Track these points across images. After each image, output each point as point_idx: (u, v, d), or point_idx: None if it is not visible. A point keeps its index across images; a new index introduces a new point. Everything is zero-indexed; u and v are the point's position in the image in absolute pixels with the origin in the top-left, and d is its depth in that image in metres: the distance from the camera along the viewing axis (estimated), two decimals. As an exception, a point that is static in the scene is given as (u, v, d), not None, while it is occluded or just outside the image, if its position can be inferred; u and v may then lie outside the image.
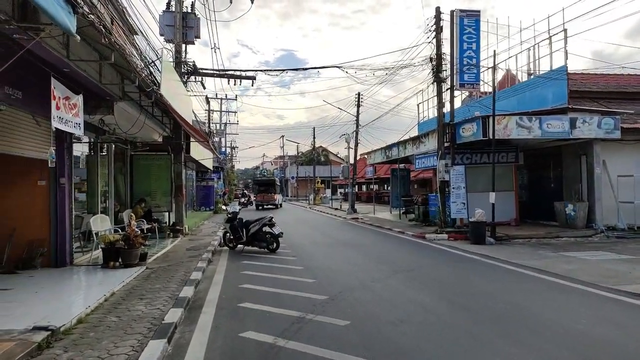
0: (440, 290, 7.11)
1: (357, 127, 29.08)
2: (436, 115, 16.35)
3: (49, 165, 6.48)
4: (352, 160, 30.24)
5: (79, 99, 7.13)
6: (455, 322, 5.40)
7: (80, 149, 10.25)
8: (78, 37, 4.89)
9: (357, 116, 28.99)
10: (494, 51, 13.55)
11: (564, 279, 7.81)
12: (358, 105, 28.88)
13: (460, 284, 7.83)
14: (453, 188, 14.81)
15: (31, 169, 8.18)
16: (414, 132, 22.20)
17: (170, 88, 9.77)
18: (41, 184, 8.31)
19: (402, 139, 20.83)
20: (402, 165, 23.59)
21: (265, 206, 34.22)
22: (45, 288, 6.69)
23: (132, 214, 10.95)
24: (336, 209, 31.90)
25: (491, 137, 13.15)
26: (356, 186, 34.94)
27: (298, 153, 65.67)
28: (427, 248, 12.29)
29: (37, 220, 8.30)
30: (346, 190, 45.24)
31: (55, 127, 6.27)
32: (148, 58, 9.56)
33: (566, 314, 5.72)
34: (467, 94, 20.31)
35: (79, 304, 5.82)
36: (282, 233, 11.44)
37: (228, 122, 41.38)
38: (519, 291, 7.06)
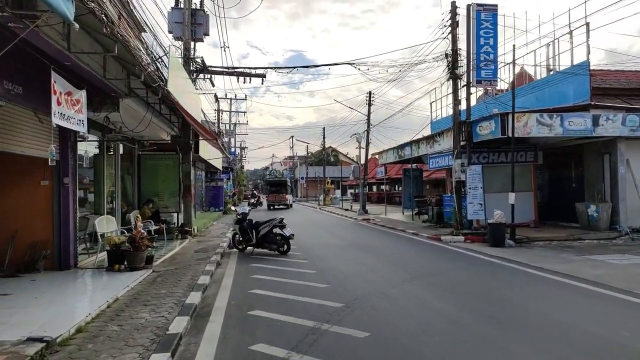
0: (462, 297, 6.66)
1: (368, 126, 28.60)
2: (450, 113, 15.87)
3: (49, 164, 6.16)
4: (363, 160, 29.81)
5: (82, 95, 6.80)
6: (481, 333, 4.94)
7: (84, 148, 9.96)
8: (77, 25, 4.56)
9: (368, 115, 28.50)
10: (513, 45, 13.02)
11: (593, 285, 7.32)
12: (369, 105, 28.38)
13: (482, 290, 7.37)
14: (469, 188, 14.28)
15: (34, 168, 7.86)
16: (427, 132, 21.65)
17: (178, 85, 9.43)
18: (44, 183, 8.01)
19: (415, 138, 20.32)
20: (414, 165, 23.08)
21: (276, 206, 34.91)
22: (46, 293, 6.38)
23: (139, 215, 10.67)
24: (346, 209, 31.47)
25: (510, 135, 12.62)
26: (367, 187, 34.49)
27: (307, 153, 65.39)
28: (444, 251, 11.81)
29: (40, 222, 8.00)
30: (356, 190, 44.81)
31: (56, 124, 5.95)
32: (155, 54, 9.25)
33: (605, 324, 5.22)
34: (482, 91, 19.74)
35: (80, 311, 5.48)
36: (293, 235, 11.02)
37: (237, 122, 41.31)
38: (546, 298, 6.57)
